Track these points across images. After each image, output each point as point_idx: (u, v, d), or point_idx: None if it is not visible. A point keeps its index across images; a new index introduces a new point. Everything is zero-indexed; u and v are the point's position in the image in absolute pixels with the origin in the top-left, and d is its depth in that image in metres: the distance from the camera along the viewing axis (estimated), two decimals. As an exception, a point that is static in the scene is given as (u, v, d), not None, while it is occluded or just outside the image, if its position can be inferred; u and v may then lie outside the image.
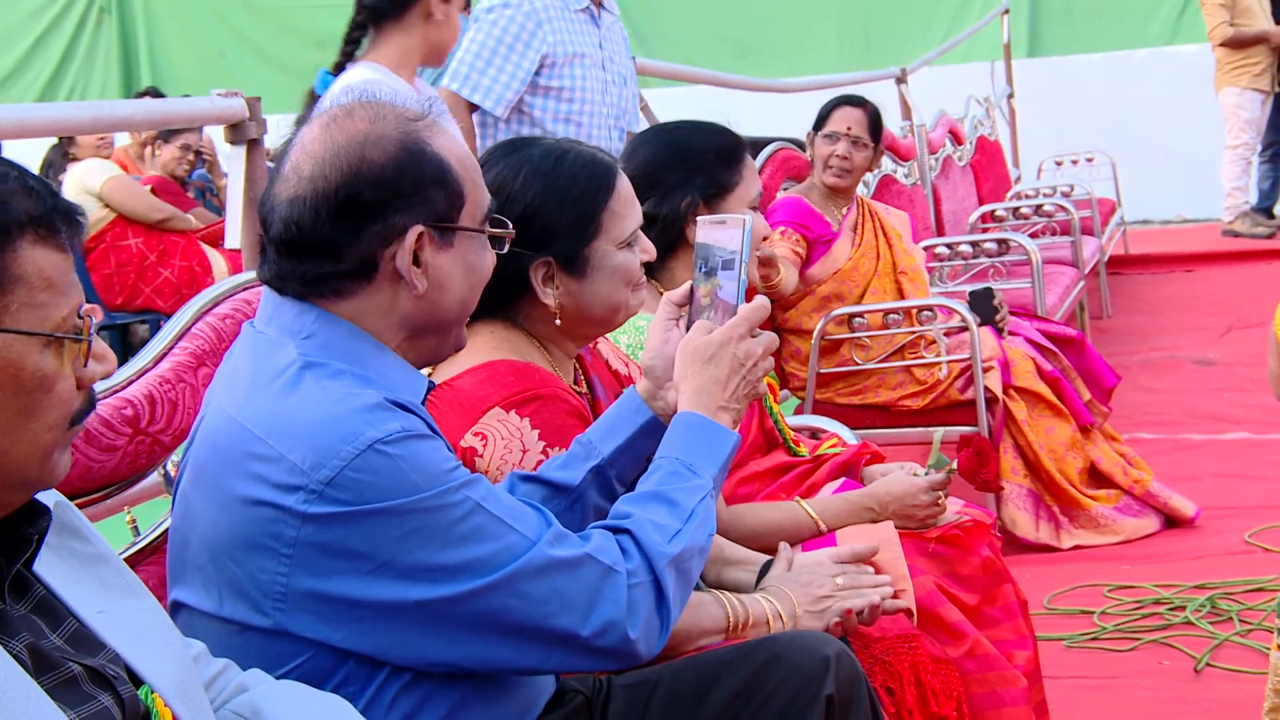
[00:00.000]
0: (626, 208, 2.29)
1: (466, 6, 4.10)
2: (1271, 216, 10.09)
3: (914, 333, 4.76)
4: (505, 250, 1.95)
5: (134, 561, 2.04)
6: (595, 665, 1.82)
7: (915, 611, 2.54)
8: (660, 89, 10.05)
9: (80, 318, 1.42)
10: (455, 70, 4.26)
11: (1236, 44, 9.77)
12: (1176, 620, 4.04)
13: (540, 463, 2.13)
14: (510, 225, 1.94)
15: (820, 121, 4.88)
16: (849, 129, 4.81)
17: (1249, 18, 9.76)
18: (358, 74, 3.98)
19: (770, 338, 2.03)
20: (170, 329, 2.22)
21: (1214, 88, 10.03)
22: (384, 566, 1.67)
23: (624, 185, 2.29)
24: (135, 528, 2.13)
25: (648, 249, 2.34)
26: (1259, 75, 9.82)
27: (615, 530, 1.84)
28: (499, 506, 1.74)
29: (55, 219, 1.41)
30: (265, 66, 12.51)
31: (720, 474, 1.97)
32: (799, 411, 4.76)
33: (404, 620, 1.69)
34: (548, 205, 2.22)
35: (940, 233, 6.92)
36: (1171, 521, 4.82)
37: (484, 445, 2.12)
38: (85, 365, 1.43)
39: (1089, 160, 9.45)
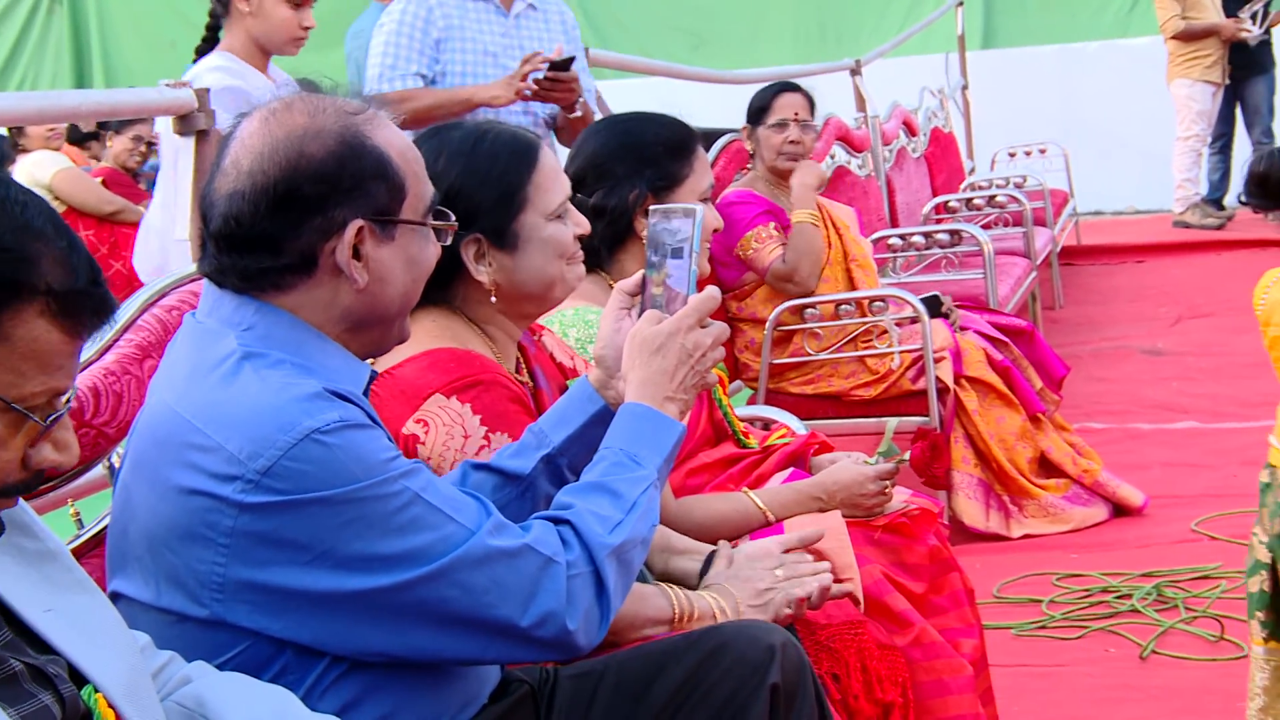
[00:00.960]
0: (552, 180, 2.30)
1: (301, 3, 4.08)
2: (1221, 208, 10.17)
3: (866, 323, 4.79)
4: (449, 242, 1.95)
5: (78, 554, 2.02)
6: (535, 656, 1.82)
7: (862, 599, 2.56)
8: (615, 80, 10.05)
9: (60, 404, 1.41)
10: (370, 76, 4.25)
11: (1188, 37, 9.83)
12: (1123, 608, 4.08)
13: (482, 448, 2.15)
14: (453, 217, 1.94)
15: (761, 113, 4.89)
16: (795, 114, 4.84)
17: (1200, 11, 9.82)
18: (209, 61, 4.07)
19: (720, 328, 2.04)
20: (115, 321, 2.20)
21: (1166, 80, 10.09)
22: (322, 556, 1.67)
23: (548, 159, 2.30)
24: (79, 521, 2.12)
25: (580, 222, 2.34)
26: (1210, 68, 9.88)
27: (556, 521, 1.84)
28: (438, 496, 1.74)
29: (80, 303, 1.40)
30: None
31: (665, 465, 1.98)
32: (752, 401, 4.79)
33: (342, 610, 1.69)
34: (470, 183, 2.24)
35: (894, 224, 6.95)
36: (1120, 510, 4.86)
37: (426, 432, 2.14)
38: (34, 446, 1.42)
39: (1042, 152, 9.49)
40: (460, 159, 2.26)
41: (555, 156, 2.34)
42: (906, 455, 2.88)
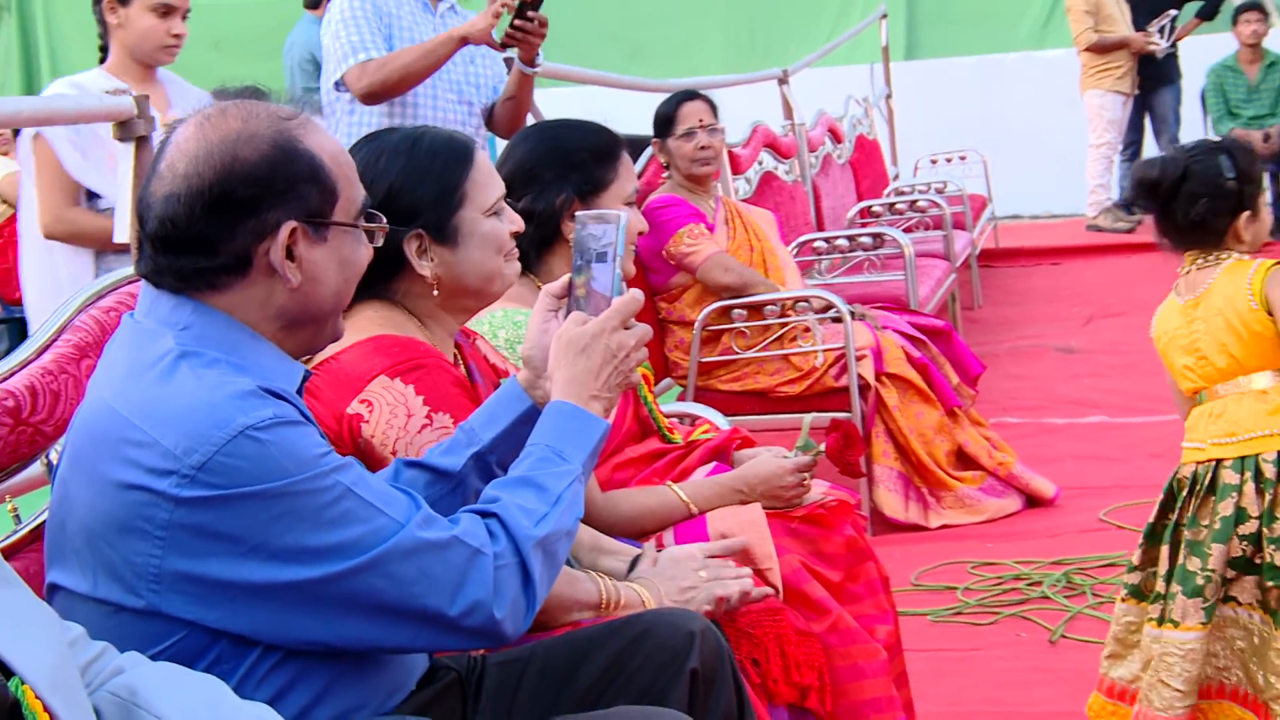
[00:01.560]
0: (488, 178, 2.32)
1: (168, 12, 4.03)
2: (1132, 212, 10.25)
3: (791, 323, 4.82)
4: (380, 244, 1.95)
5: (15, 548, 2.02)
6: (463, 644, 1.82)
7: (781, 587, 2.58)
8: (552, 89, 10.04)
9: None
10: (337, 57, 4.17)
11: (1100, 49, 9.93)
12: (1034, 595, 4.12)
13: (424, 427, 2.15)
14: (384, 219, 1.94)
15: (667, 125, 4.92)
16: (700, 121, 4.87)
17: (1111, 24, 9.93)
18: (70, 77, 4.12)
19: (644, 329, 2.05)
20: (53, 321, 2.18)
21: (1079, 90, 10.20)
22: (256, 548, 1.66)
23: (483, 159, 2.33)
24: (17, 516, 2.09)
25: (515, 220, 2.36)
26: (1120, 78, 10.00)
27: (484, 514, 1.84)
28: (369, 491, 1.74)
29: None
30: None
31: (589, 460, 1.98)
32: (682, 398, 4.81)
33: (276, 601, 1.69)
34: (410, 181, 2.26)
35: (820, 228, 6.98)
36: (1033, 501, 4.91)
37: (370, 411, 2.15)
38: None
39: (962, 158, 9.55)
40: (400, 158, 2.27)
41: (488, 158, 2.36)
42: (823, 448, 2.89)
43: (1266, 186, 8.46)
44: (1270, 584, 2.87)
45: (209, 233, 1.76)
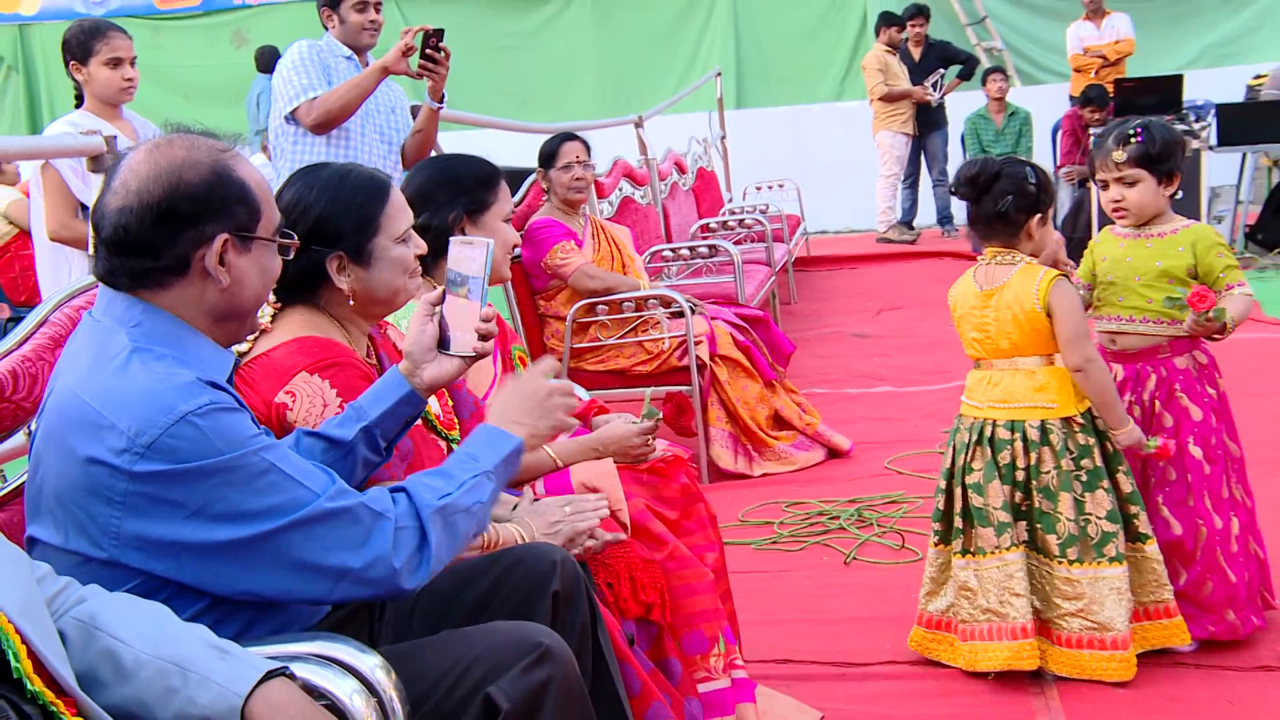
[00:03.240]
0: (400, 211, 2.26)
1: (117, 64, 4.15)
2: (912, 228, 10.47)
3: (644, 316, 4.83)
4: (291, 257, 1.90)
5: (2, 503, 1.96)
6: (369, 593, 1.75)
7: (629, 525, 2.58)
8: (456, 132, 9.96)
9: None
10: (290, 96, 4.12)
11: (888, 99, 10.09)
12: (833, 527, 4.17)
13: (338, 414, 2.11)
14: (296, 237, 1.89)
15: (550, 158, 4.87)
16: (577, 157, 4.85)
17: (896, 80, 10.10)
18: (63, 118, 4.24)
19: (565, 385, 2.06)
20: (33, 318, 2.12)
21: (871, 132, 10.35)
22: (197, 513, 1.63)
23: (397, 195, 2.27)
24: (3, 476, 2.03)
25: (420, 245, 2.31)
26: (904, 123, 10.17)
27: (394, 490, 1.81)
28: (291, 466, 1.70)
29: None
30: (141, 112, 11.92)
31: (500, 465, 1.91)
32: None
33: (213, 555, 1.65)
34: (336, 211, 2.19)
35: (668, 240, 6.99)
36: (833, 453, 4.96)
37: (293, 401, 2.10)
38: None
39: (781, 186, 9.63)
40: (329, 191, 2.20)
41: (401, 195, 2.29)
42: (661, 415, 2.89)
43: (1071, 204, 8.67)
44: (1038, 526, 2.93)
45: (155, 239, 1.72)
